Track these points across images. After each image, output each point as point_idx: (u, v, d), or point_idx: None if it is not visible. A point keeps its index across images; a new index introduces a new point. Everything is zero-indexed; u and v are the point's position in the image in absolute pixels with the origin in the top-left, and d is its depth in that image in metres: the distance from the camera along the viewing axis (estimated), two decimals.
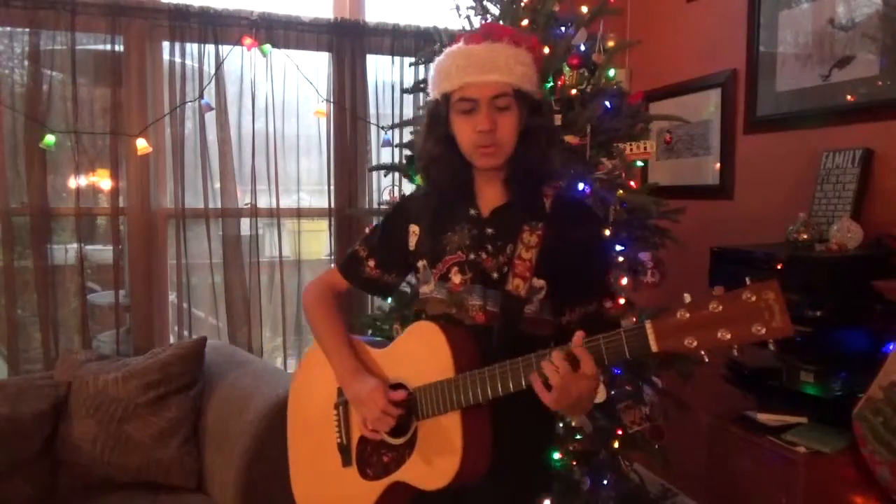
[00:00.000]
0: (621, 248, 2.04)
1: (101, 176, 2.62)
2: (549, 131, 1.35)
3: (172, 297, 2.79)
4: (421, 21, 2.91)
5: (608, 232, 1.96)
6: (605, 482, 2.06)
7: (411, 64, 2.83)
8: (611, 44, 2.11)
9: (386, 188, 2.82)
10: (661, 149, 3.03)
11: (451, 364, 1.20)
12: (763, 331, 0.91)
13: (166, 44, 2.65)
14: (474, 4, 2.24)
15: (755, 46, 2.53)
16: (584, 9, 2.18)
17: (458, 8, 2.26)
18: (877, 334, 1.85)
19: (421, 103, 2.73)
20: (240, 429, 2.02)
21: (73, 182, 2.56)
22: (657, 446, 2.07)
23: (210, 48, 2.66)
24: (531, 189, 1.31)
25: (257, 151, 2.78)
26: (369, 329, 2.47)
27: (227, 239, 2.76)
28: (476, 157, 1.26)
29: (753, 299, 0.91)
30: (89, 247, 2.61)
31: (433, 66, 1.29)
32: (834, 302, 1.85)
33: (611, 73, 2.17)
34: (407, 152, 2.54)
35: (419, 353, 1.26)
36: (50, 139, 2.43)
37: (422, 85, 2.61)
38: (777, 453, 1.88)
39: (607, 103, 2.03)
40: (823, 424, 1.92)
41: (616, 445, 2.02)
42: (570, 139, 1.95)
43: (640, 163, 2.23)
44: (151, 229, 2.68)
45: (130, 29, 2.57)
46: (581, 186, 1.94)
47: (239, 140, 2.77)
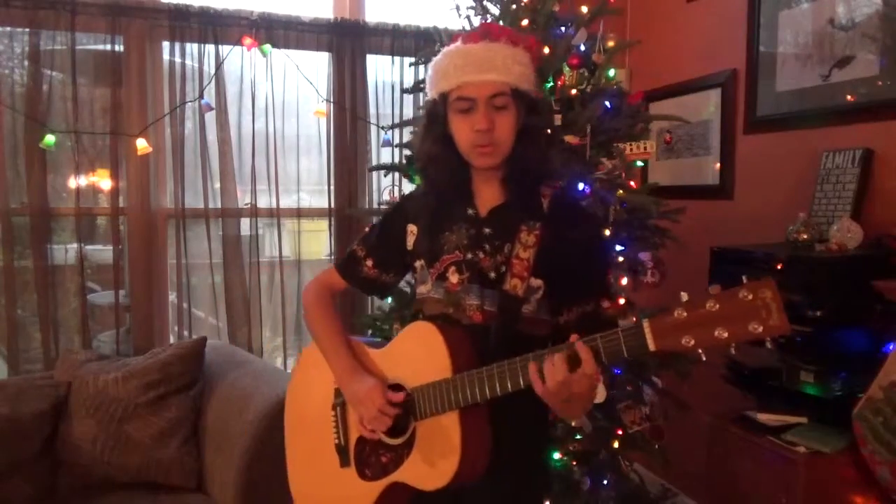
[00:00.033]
0: (621, 248, 2.04)
1: (101, 176, 2.62)
2: (547, 131, 1.34)
3: (172, 297, 2.79)
4: (421, 21, 2.91)
5: (608, 232, 1.96)
6: (605, 482, 2.06)
7: (411, 64, 2.83)
8: (611, 44, 2.11)
9: (386, 188, 2.82)
10: (661, 149, 3.03)
11: (449, 364, 1.19)
12: (760, 329, 0.91)
13: (166, 44, 2.65)
14: (474, 4, 2.24)
15: (755, 46, 2.53)
16: (584, 9, 2.18)
17: (458, 8, 2.26)
18: (877, 334, 1.85)
19: (421, 103, 2.72)
20: (240, 429, 2.02)
21: (73, 182, 2.56)
22: (657, 446, 2.07)
23: (210, 48, 2.67)
24: (529, 189, 1.31)
25: (257, 151, 2.78)
26: (369, 329, 2.47)
27: (227, 239, 2.76)
28: (474, 157, 1.26)
29: (750, 298, 0.91)
30: (89, 247, 2.61)
31: (431, 66, 1.29)
32: (834, 302, 1.85)
33: (611, 73, 2.17)
34: (407, 152, 2.54)
35: (416, 354, 1.26)
36: (50, 139, 2.43)
37: (422, 85, 2.61)
38: (777, 453, 1.88)
39: (607, 103, 2.03)
40: (823, 424, 1.92)
41: (616, 445, 2.02)
42: (570, 139, 1.95)
43: (640, 163, 2.23)
44: (151, 229, 2.68)
45: (130, 29, 2.57)
46: (581, 186, 1.94)
47: (239, 140, 2.77)
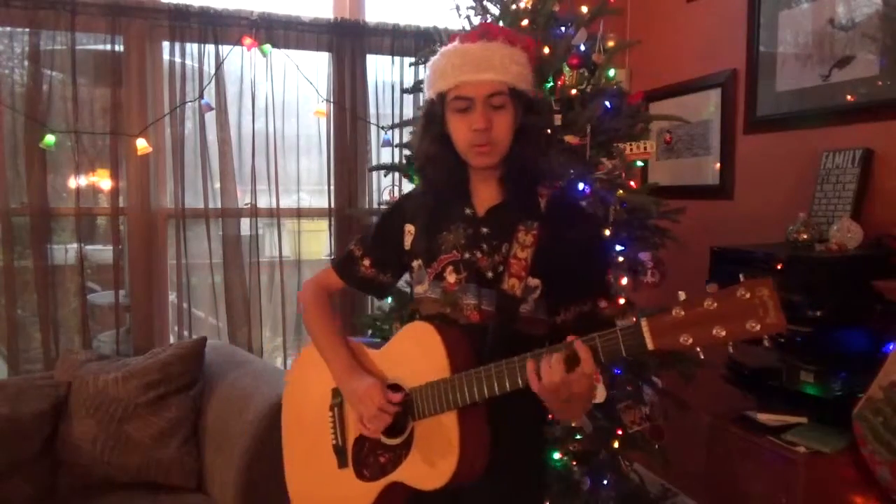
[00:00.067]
0: (621, 248, 2.04)
1: (101, 176, 2.62)
2: (544, 130, 1.34)
3: (172, 297, 2.79)
4: (421, 21, 2.91)
5: (608, 232, 1.96)
6: (605, 482, 2.06)
7: (411, 64, 2.83)
8: (611, 44, 2.11)
9: (386, 188, 2.82)
10: (661, 149, 3.03)
11: (447, 364, 1.19)
12: (758, 327, 0.91)
13: (166, 44, 2.65)
14: (474, 4, 2.24)
15: (755, 46, 2.53)
16: (584, 9, 2.18)
17: (458, 8, 2.26)
18: (877, 334, 1.85)
19: (421, 103, 2.72)
20: (240, 429, 2.02)
21: (73, 182, 2.56)
22: (657, 446, 2.07)
23: (210, 48, 2.66)
24: (526, 188, 1.31)
25: (257, 151, 2.78)
26: (369, 329, 2.47)
27: (227, 239, 2.76)
28: (471, 156, 1.26)
29: (748, 296, 0.91)
30: (89, 247, 2.61)
31: (429, 66, 1.29)
32: (834, 302, 1.85)
33: (611, 73, 2.17)
34: (407, 152, 2.53)
35: (414, 354, 1.26)
36: (50, 139, 2.43)
37: (422, 85, 2.59)
38: (777, 453, 1.88)
39: (607, 103, 2.03)
40: (823, 424, 1.92)
41: (616, 445, 2.02)
42: (570, 139, 1.95)
43: (640, 163, 2.23)
44: (151, 229, 2.68)
45: (130, 29, 2.57)
46: (581, 186, 1.94)
47: (239, 140, 2.77)
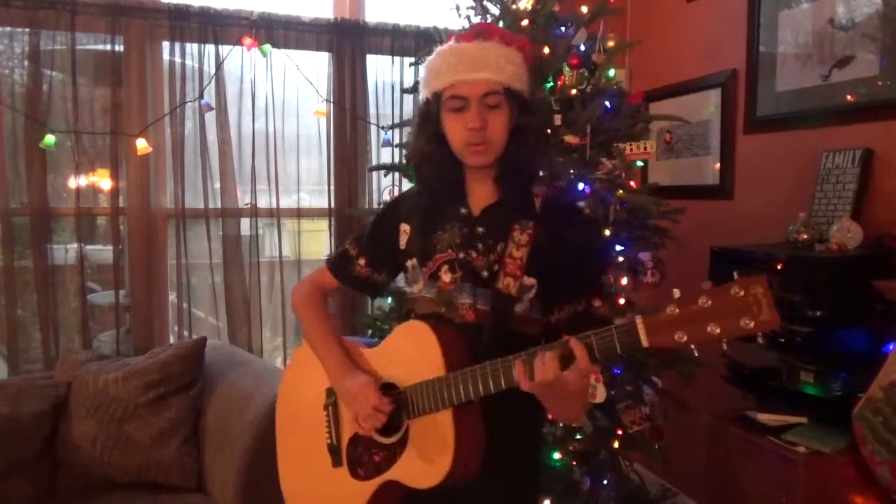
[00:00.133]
0: (621, 248, 2.04)
1: (101, 176, 2.62)
2: (540, 130, 1.34)
3: (172, 297, 2.79)
4: (421, 21, 2.91)
5: (608, 232, 1.97)
6: (605, 482, 2.06)
7: (411, 64, 2.82)
8: (611, 44, 2.11)
9: (386, 188, 2.82)
10: (661, 149, 3.03)
11: (442, 363, 1.19)
12: (751, 324, 0.91)
13: (166, 44, 2.65)
14: (474, 4, 2.24)
15: (755, 46, 2.53)
16: (584, 9, 2.18)
17: (458, 8, 2.26)
18: (877, 334, 1.85)
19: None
20: (240, 429, 2.02)
21: (73, 182, 2.56)
22: (657, 446, 2.07)
23: (210, 48, 2.66)
24: (521, 188, 1.31)
25: (257, 151, 2.78)
26: (369, 329, 2.47)
27: (227, 239, 2.76)
28: (467, 156, 1.26)
29: (742, 294, 0.92)
30: (89, 247, 2.61)
31: (424, 66, 1.29)
32: (834, 302, 1.85)
33: (611, 73, 2.17)
34: (406, 152, 2.54)
35: (410, 353, 1.26)
36: (50, 139, 2.43)
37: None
38: (777, 453, 1.88)
39: (607, 103, 2.03)
40: (823, 424, 1.92)
41: (616, 445, 2.02)
42: (570, 139, 1.95)
43: (640, 163, 2.23)
44: (151, 229, 2.68)
45: (130, 29, 2.57)
46: (581, 186, 1.94)
47: (239, 140, 2.77)
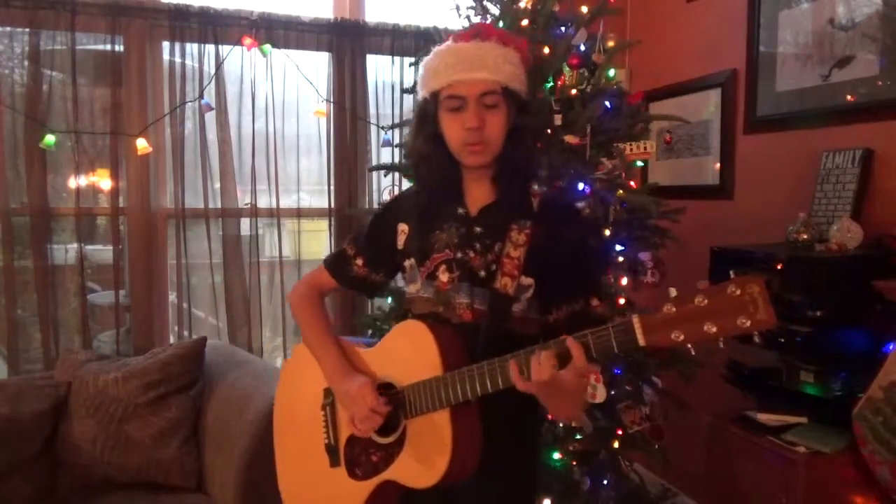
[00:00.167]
0: (621, 248, 2.04)
1: (101, 176, 2.61)
2: (537, 131, 1.35)
3: (172, 297, 2.79)
4: (421, 21, 2.91)
5: (608, 232, 1.96)
6: (605, 482, 2.06)
7: (411, 64, 2.82)
8: (611, 44, 2.11)
9: (386, 188, 2.82)
10: (661, 149, 3.03)
11: (440, 362, 1.20)
12: (748, 323, 0.91)
13: (166, 44, 2.65)
14: (474, 4, 2.24)
15: (755, 46, 2.53)
16: (584, 9, 2.18)
17: (458, 8, 2.26)
18: (877, 334, 1.85)
19: None
20: (240, 429, 2.02)
21: (73, 182, 2.55)
22: (657, 446, 2.07)
23: (210, 48, 2.66)
24: (519, 188, 1.32)
25: (257, 151, 2.78)
26: (369, 329, 2.47)
27: (227, 239, 2.76)
28: (464, 155, 1.26)
29: (738, 293, 0.92)
30: (89, 247, 2.61)
31: (422, 65, 1.29)
32: (834, 302, 1.85)
33: (611, 73, 2.17)
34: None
35: (407, 352, 1.26)
36: (50, 139, 2.43)
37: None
38: (777, 453, 1.88)
39: (607, 103, 2.02)
40: (823, 424, 1.92)
41: (616, 445, 2.02)
42: (570, 139, 1.95)
43: (640, 163, 2.23)
44: (151, 229, 2.68)
45: (130, 29, 2.57)
46: (581, 186, 1.94)
47: (239, 140, 2.77)
